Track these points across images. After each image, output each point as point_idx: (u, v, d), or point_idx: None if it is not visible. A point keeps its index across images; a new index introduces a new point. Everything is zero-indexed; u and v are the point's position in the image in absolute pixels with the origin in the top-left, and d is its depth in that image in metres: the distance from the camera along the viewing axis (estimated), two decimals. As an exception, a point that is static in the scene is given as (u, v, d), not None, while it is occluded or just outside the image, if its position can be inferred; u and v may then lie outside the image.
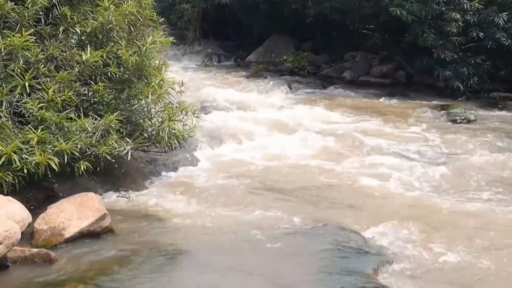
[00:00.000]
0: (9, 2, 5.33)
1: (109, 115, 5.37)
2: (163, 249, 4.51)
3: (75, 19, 5.78)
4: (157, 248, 4.53)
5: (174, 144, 5.99)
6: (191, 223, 5.06)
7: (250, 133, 8.04)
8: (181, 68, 13.54)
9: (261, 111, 9.57)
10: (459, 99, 11.14)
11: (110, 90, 5.72)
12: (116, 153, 5.30)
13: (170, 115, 5.90)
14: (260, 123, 8.57)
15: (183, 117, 6.08)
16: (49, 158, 4.75)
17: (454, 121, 9.47)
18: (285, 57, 13.98)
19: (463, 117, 9.57)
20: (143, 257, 4.37)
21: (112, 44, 5.87)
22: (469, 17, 11.12)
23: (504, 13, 11.00)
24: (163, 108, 5.98)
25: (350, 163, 6.94)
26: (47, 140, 4.89)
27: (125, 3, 6.17)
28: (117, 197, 5.58)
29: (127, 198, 5.54)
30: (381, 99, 11.19)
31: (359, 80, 13.01)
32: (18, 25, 5.32)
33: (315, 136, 8.05)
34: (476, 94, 11.29)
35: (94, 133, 5.22)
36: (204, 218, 5.15)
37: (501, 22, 10.90)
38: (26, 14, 5.37)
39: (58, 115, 5.08)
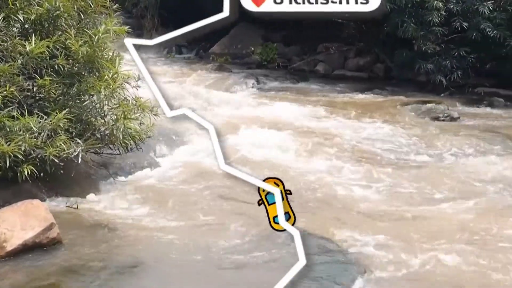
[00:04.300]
0: None
1: (56, 113, 5.33)
2: (116, 263, 4.50)
3: (18, 5, 5.69)
4: (110, 261, 4.52)
5: (130, 145, 5.97)
6: (148, 234, 5.06)
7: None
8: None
9: (224, 108, 9.59)
10: (442, 94, 11.40)
11: (57, 85, 5.66)
12: (64, 155, 5.26)
13: (126, 113, 5.88)
14: (225, 122, 8.59)
15: (139, 115, 6.06)
16: (-12, 162, 4.71)
17: (436, 119, 9.69)
18: (252, 49, 14.09)
19: (446, 114, 9.80)
20: (94, 272, 4.37)
21: (60, 33, 5.80)
22: (452, 6, 11.28)
23: (489, 1, 11.14)
24: (117, 105, 5.96)
25: (318, 165, 7.02)
26: (-15, 141, 4.84)
27: (74, -13, 6.15)
28: (66, 204, 5.54)
29: (77, 205, 5.51)
30: (357, 95, 11.36)
31: (333, 74, 13.23)
32: (-49, 12, 5.27)
33: (284, 136, 8.13)
34: (460, 89, 11.53)
35: (40, 133, 5.17)
36: (162, 229, 5.16)
37: (486, 11, 11.01)
38: (-40, -1, 5.32)
39: (-2, 113, 5.04)
